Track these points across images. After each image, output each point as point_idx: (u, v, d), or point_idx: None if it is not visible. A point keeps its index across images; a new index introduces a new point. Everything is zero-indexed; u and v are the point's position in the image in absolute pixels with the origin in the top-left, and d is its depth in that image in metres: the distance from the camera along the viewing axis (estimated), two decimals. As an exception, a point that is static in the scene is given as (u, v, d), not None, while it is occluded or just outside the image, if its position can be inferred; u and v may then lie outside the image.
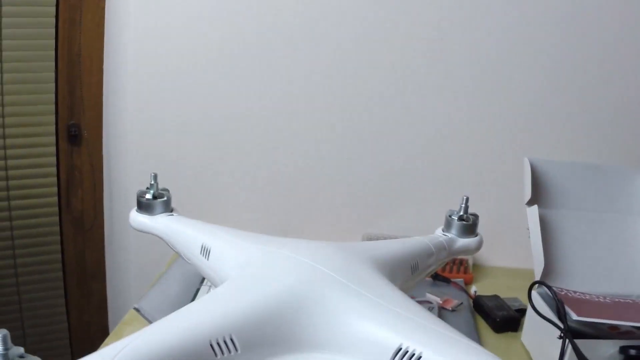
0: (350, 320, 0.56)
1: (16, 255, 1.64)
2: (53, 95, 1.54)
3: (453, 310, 1.20)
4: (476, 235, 0.88)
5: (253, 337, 0.55)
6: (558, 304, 0.95)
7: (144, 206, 0.88)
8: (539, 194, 1.11)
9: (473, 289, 1.31)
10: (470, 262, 1.42)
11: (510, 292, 1.26)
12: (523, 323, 1.14)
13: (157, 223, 0.86)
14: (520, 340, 1.12)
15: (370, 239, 1.47)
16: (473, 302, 1.26)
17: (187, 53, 1.48)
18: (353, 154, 1.52)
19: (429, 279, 1.34)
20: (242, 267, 0.67)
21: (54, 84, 1.54)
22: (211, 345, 0.53)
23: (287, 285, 0.59)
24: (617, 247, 1.12)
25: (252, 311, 0.56)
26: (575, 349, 0.89)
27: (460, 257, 1.32)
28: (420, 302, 1.16)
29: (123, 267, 1.69)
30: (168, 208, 0.89)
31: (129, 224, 0.90)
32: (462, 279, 1.36)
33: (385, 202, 1.55)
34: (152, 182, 0.88)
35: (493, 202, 1.49)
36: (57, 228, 1.64)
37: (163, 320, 0.55)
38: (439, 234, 0.87)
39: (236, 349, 0.54)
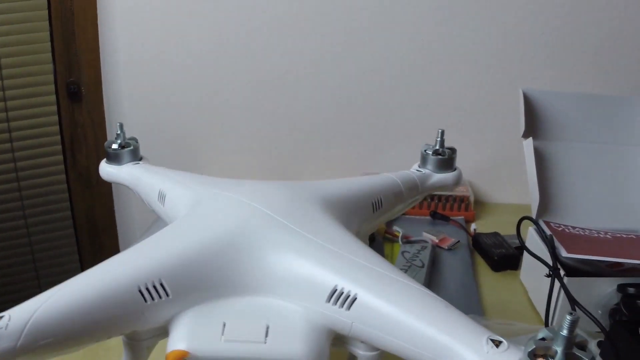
0: (287, 261, 0.54)
1: (27, 216, 1.66)
2: (50, 54, 1.53)
3: (449, 249, 1.17)
4: (454, 170, 0.85)
5: (184, 282, 0.53)
6: (546, 241, 0.92)
7: (111, 156, 0.86)
8: (535, 126, 1.07)
9: (473, 227, 1.28)
10: (472, 199, 1.39)
11: (513, 229, 1.22)
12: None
13: (123, 172, 0.84)
14: (520, 279, 1.09)
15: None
16: (472, 240, 1.23)
17: (180, 5, 1.45)
18: (349, 92, 1.49)
19: (428, 218, 1.31)
20: (186, 212, 0.65)
21: (49, 43, 1.53)
22: (140, 291, 0.51)
23: (220, 228, 0.57)
24: (620, 180, 1.07)
25: (182, 255, 0.54)
26: (564, 288, 0.85)
27: (439, 192, 1.29)
28: (415, 242, 1.14)
29: (133, 220, 1.69)
30: (136, 157, 0.87)
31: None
32: (462, 217, 1.33)
33: (384, 140, 1.52)
34: (119, 132, 0.86)
35: (496, 137, 1.45)
36: (65, 186, 1.65)
37: (95, 266, 0.54)
38: (412, 170, 0.84)
39: (167, 294, 0.52)
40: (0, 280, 1.69)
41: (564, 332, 0.42)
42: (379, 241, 1.17)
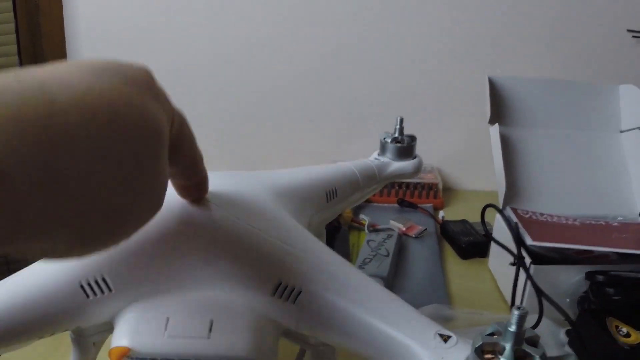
0: (231, 254, 0.53)
1: None
2: (15, 47, 1.51)
3: (417, 237, 1.16)
4: (414, 158, 0.83)
5: (127, 276, 0.51)
6: (511, 229, 0.91)
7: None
8: (502, 113, 1.06)
9: (441, 214, 1.27)
10: (440, 186, 1.38)
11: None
12: (491, 248, 1.09)
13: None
14: (488, 267, 1.08)
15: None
16: (440, 227, 1.22)
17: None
18: (316, 80, 1.48)
19: (396, 205, 1.30)
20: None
21: (14, 35, 1.50)
22: (82, 286, 0.50)
23: (163, 220, 0.55)
24: (588, 166, 1.07)
25: (123, 248, 0.52)
26: (529, 277, 0.85)
27: (399, 180, 1.28)
28: (381, 230, 1.13)
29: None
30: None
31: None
32: (431, 205, 1.32)
33: (352, 128, 1.52)
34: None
35: (465, 123, 1.45)
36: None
37: (36, 262, 0.52)
38: (371, 159, 0.83)
39: (110, 289, 0.50)
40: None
41: (512, 328, 0.41)
42: (344, 230, 1.16)
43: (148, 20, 1.46)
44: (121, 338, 0.49)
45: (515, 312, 0.41)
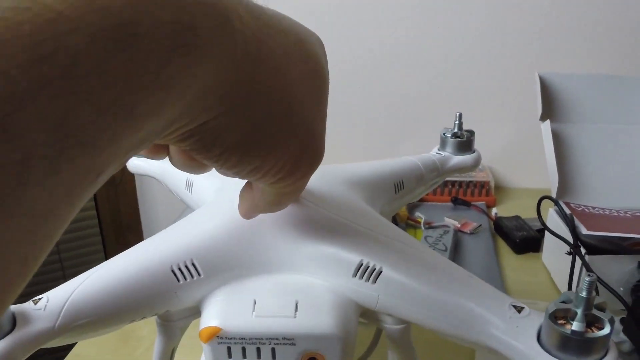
0: (314, 239, 0.55)
1: (52, 216, 1.68)
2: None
3: (471, 233, 1.19)
4: (473, 152, 0.86)
5: (215, 261, 0.54)
6: (566, 220, 0.93)
7: (139, 149, 0.88)
8: (552, 109, 1.08)
9: (494, 211, 1.29)
10: (492, 184, 1.40)
11: (533, 212, 1.23)
12: (544, 244, 1.11)
13: (151, 165, 0.86)
14: (542, 260, 1.10)
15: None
16: (494, 224, 1.24)
17: None
18: (368, 81, 1.50)
19: (450, 204, 1.32)
20: (215, 196, 0.67)
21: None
22: (172, 271, 0.53)
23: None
24: (638, 161, 1.08)
25: (211, 235, 0.56)
26: (585, 264, 0.87)
27: (459, 174, 1.29)
28: (437, 227, 1.16)
29: (157, 217, 1.71)
30: (163, 149, 0.88)
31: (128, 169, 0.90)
32: (483, 202, 1.34)
33: (403, 128, 1.54)
34: (146, 125, 0.88)
35: (514, 122, 1.46)
36: (89, 186, 1.67)
37: (129, 249, 0.56)
38: (432, 153, 0.85)
39: (199, 274, 0.53)
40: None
41: (583, 294, 0.44)
42: (401, 227, 1.19)
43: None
44: (211, 319, 0.51)
45: (586, 279, 0.43)
